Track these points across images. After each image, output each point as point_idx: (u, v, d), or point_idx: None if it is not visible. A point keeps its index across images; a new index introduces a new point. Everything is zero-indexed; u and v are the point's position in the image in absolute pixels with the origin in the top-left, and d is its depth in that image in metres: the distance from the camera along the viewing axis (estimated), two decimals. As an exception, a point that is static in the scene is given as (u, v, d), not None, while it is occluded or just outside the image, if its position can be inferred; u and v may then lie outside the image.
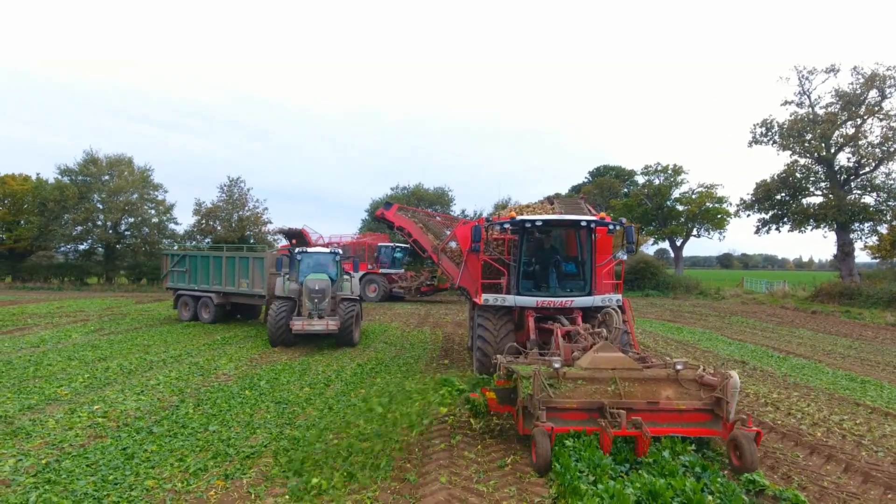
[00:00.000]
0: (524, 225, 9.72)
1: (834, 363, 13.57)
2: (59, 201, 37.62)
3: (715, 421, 6.58)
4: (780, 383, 11.24)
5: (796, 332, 19.84)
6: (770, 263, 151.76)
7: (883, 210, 31.06)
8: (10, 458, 6.42)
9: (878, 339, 18.10)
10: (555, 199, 12.93)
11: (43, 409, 8.50)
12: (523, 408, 6.65)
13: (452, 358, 13.55)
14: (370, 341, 15.88)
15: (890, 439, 7.80)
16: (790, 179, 33.28)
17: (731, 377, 6.38)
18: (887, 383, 11.31)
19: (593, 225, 9.74)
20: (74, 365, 11.72)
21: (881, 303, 26.82)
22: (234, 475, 6.02)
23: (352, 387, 10.19)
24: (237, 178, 41.94)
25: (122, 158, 40.55)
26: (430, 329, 19.00)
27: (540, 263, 10.44)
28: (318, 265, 15.55)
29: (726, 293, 37.59)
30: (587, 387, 6.69)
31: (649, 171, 52.07)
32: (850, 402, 9.78)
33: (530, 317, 9.87)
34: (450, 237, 13.10)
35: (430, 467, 6.25)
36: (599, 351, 7.29)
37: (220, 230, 39.97)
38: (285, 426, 7.76)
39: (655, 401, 6.59)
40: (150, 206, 40.90)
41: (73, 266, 40.72)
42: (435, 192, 44.86)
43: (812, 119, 31.62)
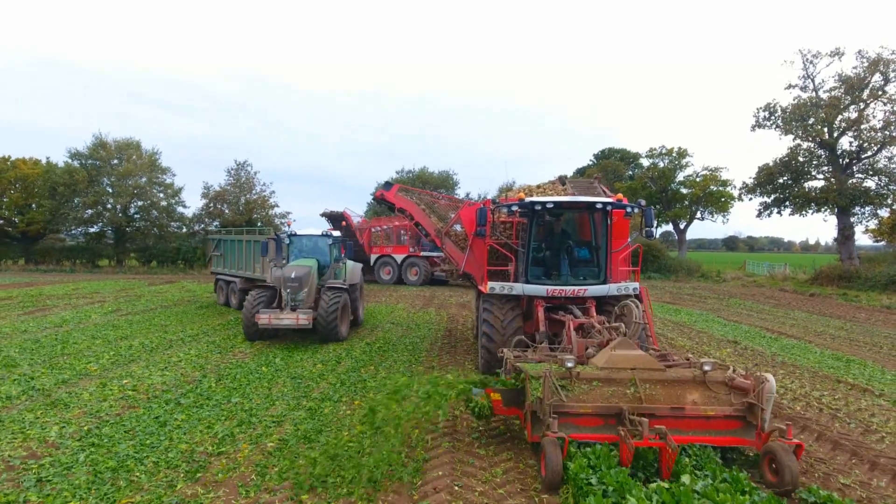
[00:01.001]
0: (534, 207, 8.99)
1: (823, 343, 14.11)
2: (70, 185, 38.23)
3: (746, 429, 5.88)
4: (769, 362, 11.81)
5: (791, 314, 20.36)
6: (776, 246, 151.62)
7: (884, 194, 31.28)
8: (54, 425, 7.08)
9: (870, 321, 18.60)
10: (566, 180, 12.10)
11: (76, 383, 9.16)
12: (532, 412, 5.96)
13: (455, 338, 14.16)
14: (378, 322, 16.50)
15: (864, 412, 8.36)
16: (793, 163, 33.48)
17: (766, 381, 5.68)
18: (871, 362, 11.86)
19: (609, 208, 8.94)
20: (98, 343, 12.39)
21: (878, 286, 27.24)
22: (258, 440, 6.67)
23: (361, 364, 10.82)
24: (244, 162, 42.44)
25: (130, 142, 41.02)
26: (436, 310, 19.62)
27: (550, 249, 9.78)
28: (309, 250, 14.45)
29: (727, 276, 38.04)
30: (603, 389, 5.99)
31: (654, 154, 52.26)
32: (833, 379, 10.34)
33: (540, 307, 9.17)
34: (454, 220, 12.16)
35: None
36: (617, 348, 6.54)
37: (227, 213, 40.55)
38: (301, 398, 8.41)
39: (680, 406, 5.86)
40: (159, 189, 41.46)
41: (84, 249, 41.46)
42: (440, 176, 45.25)
43: (815, 103, 31.71)
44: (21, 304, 19.44)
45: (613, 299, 9.26)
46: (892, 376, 10.63)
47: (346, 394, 8.71)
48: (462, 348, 12.75)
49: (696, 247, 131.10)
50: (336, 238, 14.54)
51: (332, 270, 14.07)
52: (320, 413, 7.71)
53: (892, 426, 7.74)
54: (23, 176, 40.25)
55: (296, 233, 14.47)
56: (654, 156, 52.17)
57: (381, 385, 8.05)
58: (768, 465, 5.53)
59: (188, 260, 39.88)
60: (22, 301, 20.17)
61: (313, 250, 14.45)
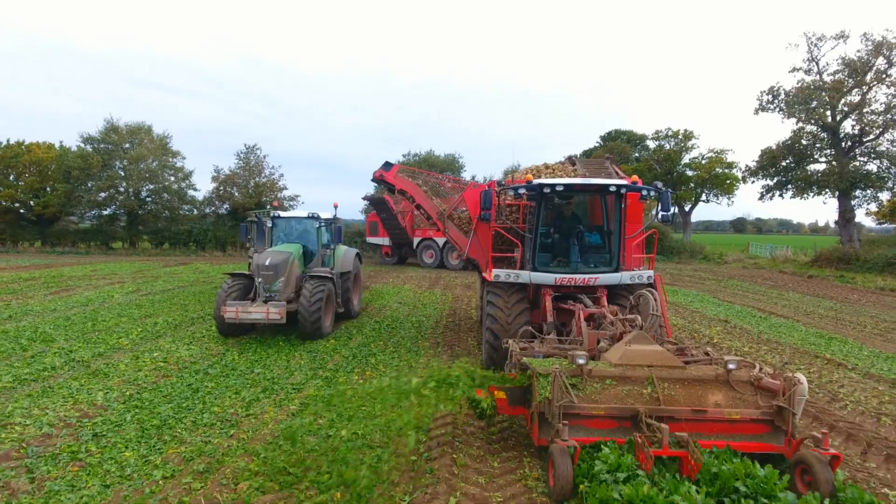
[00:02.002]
0: (542, 190, 8.48)
1: (810, 322, 14.78)
2: (84, 169, 39.05)
3: (775, 434, 5.44)
4: (754, 339, 12.51)
5: (785, 295, 20.99)
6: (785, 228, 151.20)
7: (885, 177, 31.57)
8: (99, 391, 7.93)
9: (861, 302, 19.21)
10: (577, 160, 11.56)
11: (111, 355, 10.02)
12: (539, 413, 5.49)
13: (459, 316, 14.94)
14: (385, 301, 17.30)
15: (834, 384, 9.08)
16: (796, 146, 33.74)
17: (798, 382, 5.22)
18: (852, 340, 12.54)
19: (624, 190, 8.48)
20: (125, 321, 13.26)
21: (876, 268, 27.73)
22: (281, 403, 7.50)
23: (371, 339, 11.64)
24: (254, 146, 43.03)
25: (141, 126, 41.69)
26: (441, 291, 20.40)
27: (559, 234, 9.26)
28: (294, 233, 13.16)
29: (729, 258, 38.56)
30: (618, 388, 5.54)
31: (660, 137, 52.42)
32: (812, 354, 11.05)
33: (547, 295, 8.72)
34: (457, 202, 11.55)
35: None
36: (633, 343, 6.05)
37: (237, 196, 41.33)
38: (318, 369, 9.24)
39: (702, 408, 5.39)
40: (170, 173, 42.23)
41: (98, 231, 42.43)
42: (446, 159, 45.71)
43: (818, 86, 31.87)
44: (45, 284, 20.37)
45: (626, 288, 8.82)
46: (868, 352, 11.32)
47: (357, 365, 9.53)
48: (465, 326, 13.53)
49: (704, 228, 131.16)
50: (326, 220, 13.13)
51: (319, 257, 12.84)
52: (335, 381, 8.53)
53: (856, 396, 8.47)
54: (37, 160, 41.10)
55: (279, 215, 13.14)
56: (660, 138, 52.32)
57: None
58: (800, 476, 5.00)
59: (199, 242, 40.79)
60: (46, 282, 21.11)
61: (300, 234, 13.13)
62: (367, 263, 31.23)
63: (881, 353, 11.19)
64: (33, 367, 8.98)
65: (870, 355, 11.07)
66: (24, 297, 16.97)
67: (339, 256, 13.38)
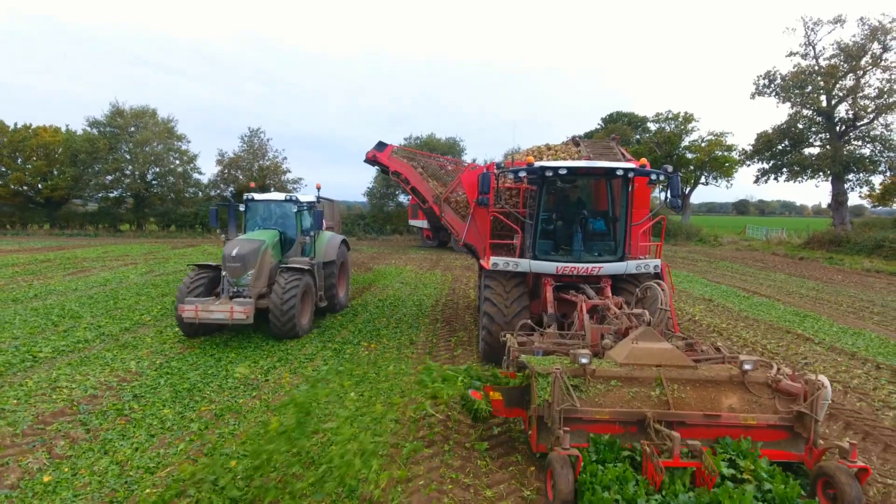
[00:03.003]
0: (544, 173, 7.98)
1: (790, 302, 15.61)
2: (91, 153, 39.73)
3: (794, 441, 5.03)
4: (734, 317, 13.36)
5: (772, 276, 21.80)
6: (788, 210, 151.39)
7: (878, 161, 32.15)
8: (131, 360, 8.82)
9: (843, 283, 20.01)
10: (581, 141, 11.02)
11: (136, 330, 10.91)
12: (538, 417, 5.08)
13: (458, 295, 15.80)
14: (388, 282, 18.15)
15: (798, 356, 9.93)
16: (792, 130, 34.25)
17: (822, 386, 4.85)
18: (825, 317, 13.37)
19: (631, 174, 7.94)
20: (144, 299, 14.14)
21: (865, 250, 28.47)
22: (296, 370, 8.40)
23: (375, 316, 12.53)
24: (257, 129, 43.58)
25: (146, 110, 42.25)
26: (441, 272, 21.25)
27: (562, 220, 8.85)
28: (272, 218, 11.80)
29: (724, 240, 39.32)
30: (623, 390, 5.15)
31: (660, 119, 52.78)
32: (784, 330, 11.90)
33: (548, 285, 8.31)
34: (454, 184, 10.99)
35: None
36: (640, 340, 5.65)
37: (242, 179, 42.02)
38: (327, 342, 10.14)
39: (716, 413, 4.99)
40: (175, 156, 42.90)
41: (106, 214, 43.26)
42: (447, 142, 46.16)
43: (813, 71, 32.28)
44: (61, 265, 21.24)
45: (631, 278, 8.42)
46: (838, 328, 12.16)
47: (363, 339, 10.42)
48: (463, 304, 14.39)
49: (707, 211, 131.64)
50: (306, 204, 11.87)
51: (298, 245, 11.55)
52: (343, 353, 9.42)
53: (816, 366, 9.32)
54: (44, 143, 41.76)
55: (253, 197, 11.77)
56: (660, 120, 52.68)
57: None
58: (822, 489, 4.59)
59: (206, 224, 41.61)
60: (61, 263, 21.99)
61: (277, 220, 11.79)
62: (400, 245, 31.98)
63: (849, 330, 12.03)
64: (68, 340, 9.88)
65: (838, 331, 11.91)
66: (45, 277, 17.85)
67: (321, 244, 12.14)
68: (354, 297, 15.05)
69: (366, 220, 42.98)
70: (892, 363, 9.40)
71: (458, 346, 10.08)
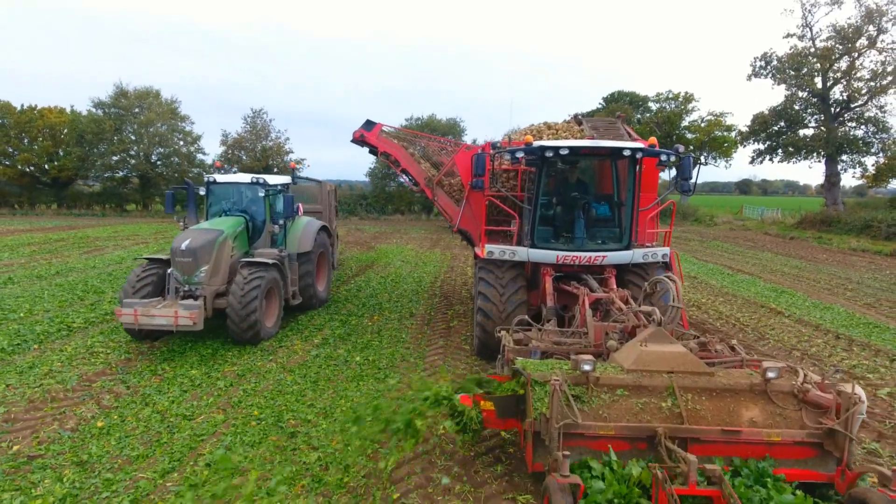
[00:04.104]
0: (544, 153, 7.37)
1: (771, 279, 16.45)
2: (97, 133, 40.35)
3: (822, 459, 4.48)
4: (715, 292, 14.23)
5: (760, 254, 22.62)
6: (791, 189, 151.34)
7: (870, 142, 32.71)
8: (156, 330, 9.72)
9: (827, 262, 20.82)
10: (583, 119, 10.43)
11: (157, 304, 11.80)
12: (535, 433, 4.51)
13: (455, 272, 16.67)
14: (389, 260, 19.01)
15: (767, 328, 10.80)
16: (788, 111, 34.72)
17: (859, 400, 4.33)
18: (801, 293, 14.22)
19: (639, 155, 7.37)
20: (160, 276, 15.02)
21: (854, 230, 29.21)
22: (306, 339, 9.30)
23: (378, 291, 13.43)
24: (260, 110, 44.09)
25: (149, 91, 42.69)
26: (441, 251, 22.11)
27: (563, 205, 8.28)
28: (241, 203, 10.51)
29: (719, 220, 40.03)
30: (631, 400, 4.62)
31: (660, 99, 53.07)
32: (758, 305, 12.76)
33: (548, 276, 7.77)
34: (448, 166, 10.39)
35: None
36: (650, 342, 5.09)
37: (245, 160, 42.66)
38: (334, 314, 11.05)
39: (735, 428, 4.46)
40: (179, 137, 43.49)
41: (112, 194, 44.03)
42: (447, 123, 46.57)
43: (810, 53, 32.64)
44: (74, 245, 22.11)
45: (638, 267, 7.96)
46: (810, 304, 13.01)
47: (366, 312, 11.30)
48: (460, 281, 15.27)
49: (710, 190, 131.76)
50: (274, 187, 10.40)
51: (267, 234, 10.18)
52: (349, 324, 10.32)
53: (781, 335, 10.19)
54: (50, 124, 42.34)
55: (214, 180, 10.41)
56: (660, 100, 52.97)
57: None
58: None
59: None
60: (74, 242, 22.85)
61: (245, 205, 10.47)
62: (401, 225, 32.82)
63: (820, 304, 12.89)
64: (97, 312, 10.78)
65: (810, 306, 12.76)
66: (62, 256, 18.72)
67: (295, 232, 10.84)
68: (358, 275, 15.91)
69: (367, 201, 43.66)
70: (851, 334, 10.26)
71: (454, 318, 10.96)
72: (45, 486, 4.81)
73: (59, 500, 4.59)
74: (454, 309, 11.73)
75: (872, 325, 10.96)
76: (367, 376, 7.59)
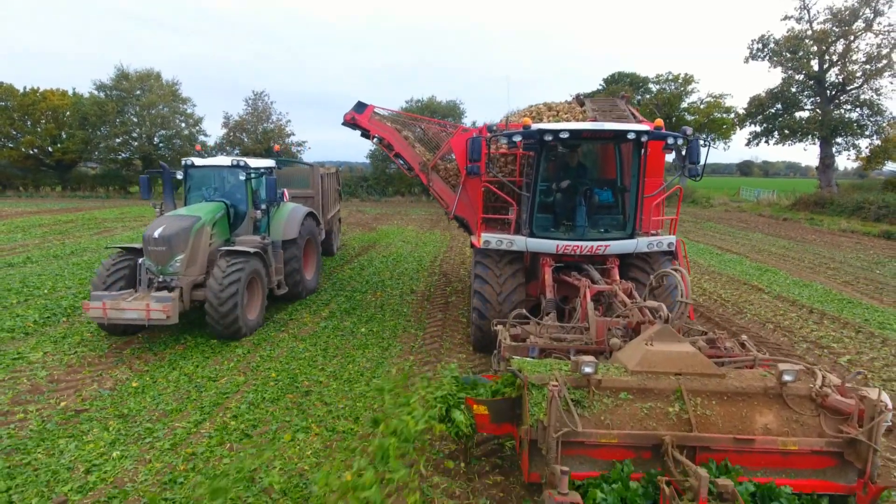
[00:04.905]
0: (543, 137, 7.02)
1: (758, 258, 17.11)
2: (99, 116, 40.74)
3: (841, 470, 4.20)
4: (702, 271, 14.91)
5: (750, 235, 23.27)
6: (793, 171, 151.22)
7: (864, 125, 33.11)
8: (174, 304, 10.42)
9: (814, 242, 21.47)
10: (585, 99, 10.02)
11: (172, 281, 12.50)
12: (531, 441, 4.20)
13: (454, 252, 17.34)
14: (391, 240, 19.67)
15: (746, 303, 11.49)
16: (785, 94, 35.05)
17: (885, 408, 3.99)
18: (783, 272, 14.90)
19: (645, 138, 7.02)
20: (171, 256, 15.70)
21: (846, 211, 29.78)
22: (315, 312, 10.03)
23: (380, 269, 14.13)
24: (261, 92, 44.36)
25: (150, 73, 42.93)
26: (440, 231, 22.75)
27: (563, 191, 7.85)
28: (223, 187, 10.06)
29: (715, 202, 40.57)
30: (636, 405, 4.33)
31: (660, 80, 53.21)
32: (740, 282, 13.45)
33: (547, 266, 7.40)
34: (443, 150, 10.02)
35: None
36: (656, 341, 4.80)
37: (247, 142, 43.09)
38: (339, 291, 11.77)
39: (748, 437, 4.17)
40: (181, 119, 43.85)
41: (116, 176, 44.52)
42: (447, 105, 46.83)
43: (807, 35, 32.88)
44: (84, 226, 22.77)
45: (643, 258, 7.68)
46: (791, 281, 13.69)
47: (369, 289, 12.01)
48: (458, 260, 15.94)
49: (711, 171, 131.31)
50: (257, 170, 9.91)
51: (249, 221, 9.79)
52: (353, 299, 11.02)
53: (758, 310, 10.89)
54: (53, 107, 42.69)
55: (193, 163, 9.94)
56: (660, 81, 53.11)
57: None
58: None
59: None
60: (83, 224, 23.50)
61: (226, 191, 10.04)
62: (401, 207, 33.43)
63: (800, 282, 13.58)
64: (116, 289, 11.46)
65: (790, 283, 13.45)
66: (73, 236, 19.40)
67: (280, 219, 10.42)
68: (361, 254, 16.59)
69: (368, 182, 44.16)
70: (825, 309, 10.97)
71: (452, 294, 11.67)
72: (94, 434, 5.54)
73: (108, 444, 5.32)
74: (452, 286, 12.43)
75: (846, 301, 11.66)
76: (372, 345, 8.31)
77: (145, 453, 5.17)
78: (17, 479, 4.72)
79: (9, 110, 41.61)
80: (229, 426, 5.69)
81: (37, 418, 5.83)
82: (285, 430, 5.62)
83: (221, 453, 5.16)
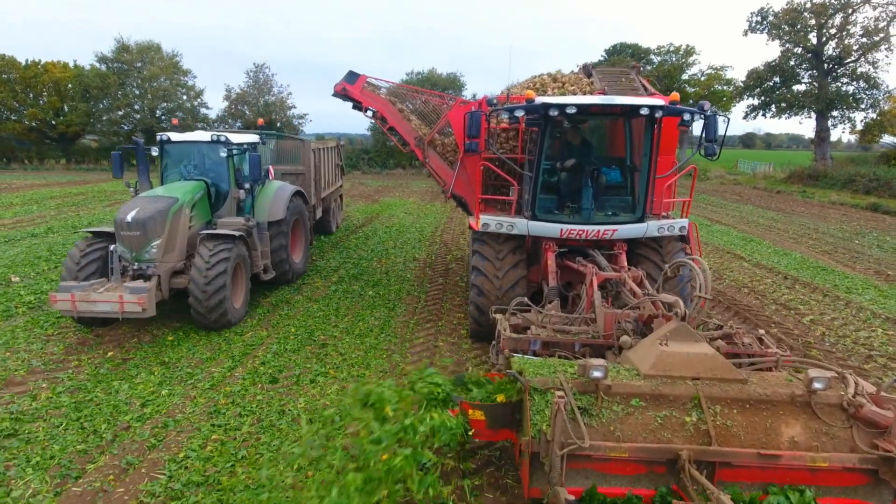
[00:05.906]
0: (547, 111, 6.49)
1: (745, 229, 17.88)
2: (101, 88, 40.99)
3: (875, 489, 3.82)
4: (689, 241, 15.67)
5: (742, 207, 23.98)
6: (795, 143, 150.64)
7: (860, 98, 33.48)
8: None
9: (803, 214, 22.21)
10: (593, 70, 9.27)
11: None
12: (532, 453, 3.77)
13: (454, 222, 18.11)
14: (393, 212, 20.41)
15: (728, 271, 12.30)
16: (783, 67, 35.30)
17: None
18: (767, 242, 15.68)
19: (659, 114, 6.45)
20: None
21: (838, 184, 30.42)
22: (326, 277, 10.86)
23: (384, 239, 14.97)
24: (262, 64, 44.50)
25: (150, 45, 43.00)
26: (441, 203, 23.43)
27: (569, 170, 7.37)
28: (204, 165, 9.30)
29: (711, 175, 41.09)
30: (649, 414, 3.91)
31: (662, 52, 53.08)
32: (725, 251, 14.25)
33: (550, 251, 6.98)
34: (440, 124, 9.29)
35: None
36: (671, 341, 4.37)
37: (249, 115, 43.40)
38: (347, 258, 12.58)
39: (774, 452, 3.75)
40: (182, 91, 44.07)
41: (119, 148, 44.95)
42: (448, 77, 46.90)
43: (805, 8, 32.99)
44: (95, 198, 23.49)
45: (653, 243, 7.19)
46: (772, 250, 14.49)
47: (375, 256, 12.84)
48: (458, 230, 16.74)
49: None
50: (239, 146, 9.23)
51: (232, 201, 9.12)
52: (360, 266, 11.85)
53: (737, 277, 11.71)
54: (54, 79, 42.87)
55: (169, 138, 9.17)
56: (661, 53, 53.00)
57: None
58: None
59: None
60: (94, 196, 24.22)
61: (206, 168, 9.27)
62: (403, 179, 34.09)
63: (781, 251, 14.38)
64: (139, 257, 12.27)
65: (771, 252, 14.24)
66: (87, 209, 20.15)
67: (265, 199, 9.76)
68: (364, 225, 17.36)
69: (370, 155, 44.59)
70: (799, 275, 11.79)
71: (452, 261, 12.51)
72: (142, 377, 6.41)
73: (156, 385, 6.19)
74: (452, 254, 13.25)
75: (821, 269, 12.48)
76: (380, 306, 9.15)
77: (189, 391, 6.06)
78: (83, 412, 5.59)
79: (11, 83, 41.80)
80: (259, 371, 6.56)
81: (90, 365, 6.70)
82: (307, 375, 6.49)
83: (255, 392, 6.04)
